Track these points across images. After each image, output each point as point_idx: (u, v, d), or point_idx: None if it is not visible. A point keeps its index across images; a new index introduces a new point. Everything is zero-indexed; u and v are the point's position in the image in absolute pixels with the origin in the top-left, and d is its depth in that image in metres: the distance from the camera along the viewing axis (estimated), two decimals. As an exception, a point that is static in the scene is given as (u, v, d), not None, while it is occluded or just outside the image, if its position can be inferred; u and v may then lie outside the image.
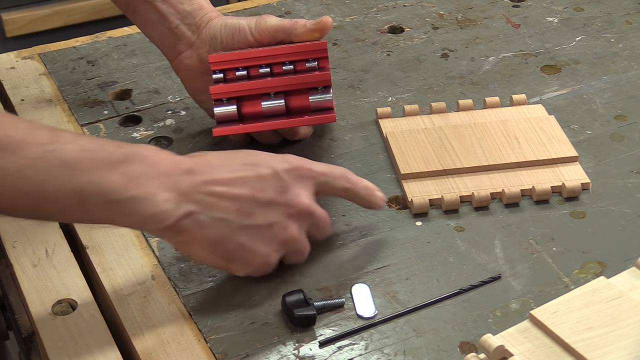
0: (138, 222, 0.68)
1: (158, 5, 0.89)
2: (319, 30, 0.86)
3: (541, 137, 0.89)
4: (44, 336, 0.72)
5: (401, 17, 1.15)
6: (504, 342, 0.63)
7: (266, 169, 0.73)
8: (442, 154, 0.88)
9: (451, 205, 0.83)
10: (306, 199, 0.74)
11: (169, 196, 0.68)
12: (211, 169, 0.71)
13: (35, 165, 0.64)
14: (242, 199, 0.71)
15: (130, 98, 1.01)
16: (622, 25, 1.12)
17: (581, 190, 0.84)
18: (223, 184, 0.71)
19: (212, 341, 0.71)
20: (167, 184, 0.68)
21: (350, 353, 0.70)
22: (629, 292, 0.66)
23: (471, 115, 0.93)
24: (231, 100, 0.87)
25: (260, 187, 0.72)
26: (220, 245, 0.71)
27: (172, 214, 0.68)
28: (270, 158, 0.74)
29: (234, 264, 0.73)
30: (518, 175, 0.85)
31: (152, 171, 0.68)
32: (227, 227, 0.71)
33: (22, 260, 0.79)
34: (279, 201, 0.72)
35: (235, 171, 0.72)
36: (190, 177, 0.70)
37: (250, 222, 0.71)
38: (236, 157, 0.74)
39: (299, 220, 0.74)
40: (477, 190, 0.83)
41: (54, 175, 0.64)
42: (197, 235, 0.70)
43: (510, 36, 1.11)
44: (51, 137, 0.66)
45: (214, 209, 0.70)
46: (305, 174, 0.75)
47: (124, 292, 0.76)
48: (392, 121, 0.93)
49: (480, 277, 0.76)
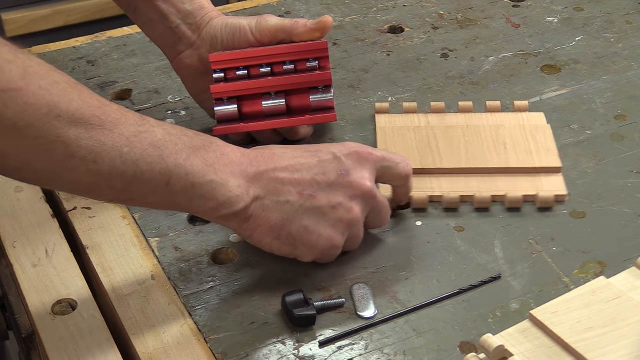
0: (213, 207, 0.71)
1: (159, 5, 0.89)
2: (319, 30, 0.86)
3: (530, 146, 0.88)
4: (44, 336, 0.72)
5: (401, 17, 1.15)
6: (504, 342, 0.63)
7: (327, 154, 0.75)
8: (426, 153, 0.88)
9: (420, 204, 0.83)
10: (369, 182, 0.75)
11: (240, 182, 0.71)
12: (274, 157, 0.74)
13: (131, 144, 0.66)
14: (303, 182, 0.73)
15: (130, 98, 1.01)
16: (622, 25, 1.12)
17: (554, 202, 0.83)
18: (285, 170, 0.74)
19: (212, 341, 0.71)
20: (237, 171, 0.72)
21: (350, 353, 0.70)
22: (629, 292, 0.66)
23: (468, 118, 0.93)
24: (232, 100, 0.87)
25: (321, 170, 0.74)
26: (284, 229, 0.73)
27: (243, 199, 0.71)
28: (330, 145, 0.77)
29: (299, 249, 0.74)
30: (496, 180, 0.85)
31: (224, 159, 0.71)
32: (290, 210, 0.73)
33: (22, 260, 0.79)
34: (342, 183, 0.74)
35: (297, 158, 0.75)
36: (256, 165, 0.73)
37: (313, 204, 0.73)
38: (299, 147, 0.77)
39: (362, 203, 0.75)
40: (446, 192, 0.83)
41: (146, 154, 0.67)
42: (262, 220, 0.73)
43: (510, 36, 1.11)
44: (141, 119, 0.68)
45: (278, 193, 0.73)
46: (367, 157, 0.76)
47: (124, 292, 0.76)
48: (388, 117, 0.94)
49: (480, 277, 0.76)
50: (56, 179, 0.66)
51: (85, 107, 0.64)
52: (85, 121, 0.64)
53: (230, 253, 0.80)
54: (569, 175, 0.87)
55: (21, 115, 0.61)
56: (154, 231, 0.82)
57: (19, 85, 0.60)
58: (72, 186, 0.67)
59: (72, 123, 0.63)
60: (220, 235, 0.81)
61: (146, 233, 0.82)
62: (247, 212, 0.72)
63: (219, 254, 0.80)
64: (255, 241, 0.74)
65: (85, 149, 0.64)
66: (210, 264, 0.78)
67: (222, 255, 0.80)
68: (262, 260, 0.78)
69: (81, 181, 0.66)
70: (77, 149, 0.64)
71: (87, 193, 0.69)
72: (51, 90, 0.62)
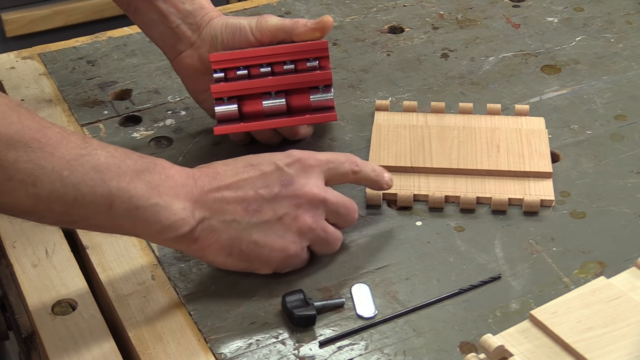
0: (158, 230, 0.70)
1: (159, 5, 0.89)
2: (319, 30, 0.86)
3: (523, 149, 0.88)
4: (44, 336, 0.72)
5: (401, 17, 1.15)
6: (504, 342, 0.63)
7: (268, 165, 0.75)
8: (417, 152, 0.88)
9: (404, 202, 0.83)
10: (314, 188, 0.75)
11: (185, 205, 0.71)
12: (217, 176, 0.74)
13: (71, 167, 0.65)
14: (247, 198, 0.73)
15: (130, 98, 1.01)
16: (622, 25, 1.12)
17: (539, 206, 0.83)
18: (228, 188, 0.73)
19: (212, 341, 0.71)
20: (181, 193, 0.71)
21: (350, 353, 0.70)
22: (629, 292, 0.66)
23: (466, 119, 0.93)
24: (232, 99, 0.87)
25: (264, 184, 0.73)
26: (234, 247, 0.73)
27: (188, 222, 0.71)
28: (272, 155, 0.76)
29: (254, 263, 0.74)
30: (484, 182, 0.85)
31: (169, 182, 0.71)
32: (238, 228, 0.73)
33: (22, 260, 0.79)
34: (285, 194, 0.74)
35: (238, 174, 0.74)
36: (200, 186, 0.72)
37: (259, 219, 0.73)
38: (240, 161, 0.76)
39: (311, 209, 0.74)
40: (432, 192, 0.83)
41: (87, 178, 0.66)
42: (211, 240, 0.72)
43: (510, 36, 1.11)
44: (83, 142, 0.67)
45: (223, 213, 0.72)
46: (310, 163, 0.76)
47: (124, 292, 0.76)
48: (387, 114, 0.94)
49: (480, 277, 0.76)
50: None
51: (24, 130, 0.64)
52: (25, 144, 0.63)
53: (230, 253, 0.80)
54: (569, 175, 0.87)
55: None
56: (154, 231, 0.82)
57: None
58: (10, 209, 0.66)
59: (10, 146, 0.63)
60: (220, 235, 0.81)
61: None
62: (194, 234, 0.71)
63: (219, 254, 0.80)
64: (208, 261, 0.74)
65: (23, 172, 0.63)
66: (210, 264, 0.78)
67: (222, 255, 0.80)
68: (262, 260, 0.78)
69: (20, 204, 0.65)
70: (15, 172, 0.63)
71: (27, 215, 0.67)
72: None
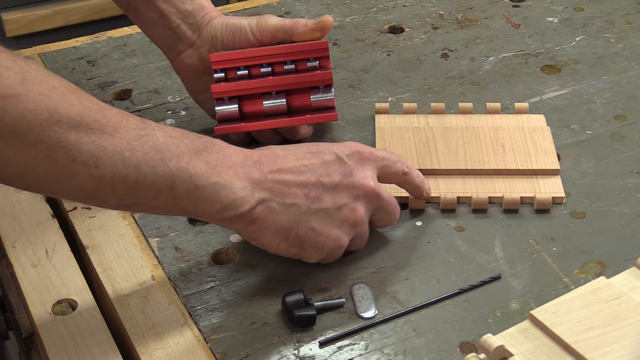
0: (218, 209, 0.70)
1: (159, 5, 0.89)
2: (320, 30, 0.86)
3: (528, 148, 0.88)
4: (44, 336, 0.72)
5: (401, 17, 1.15)
6: (504, 342, 0.63)
7: (329, 155, 0.75)
8: (424, 153, 0.88)
9: (416, 205, 0.83)
10: (371, 181, 0.76)
11: (244, 184, 0.71)
12: (278, 159, 0.74)
13: (132, 148, 0.66)
14: (309, 184, 0.73)
15: (130, 98, 1.01)
16: (622, 25, 1.12)
17: (551, 203, 0.83)
18: (290, 172, 0.74)
19: (212, 341, 0.71)
20: (240, 173, 0.71)
21: (350, 353, 0.70)
22: (629, 292, 0.66)
23: (468, 119, 0.93)
24: (232, 99, 0.87)
25: (325, 172, 0.74)
26: (291, 231, 0.73)
27: (248, 201, 0.71)
28: (331, 145, 0.77)
29: (306, 250, 0.75)
30: (494, 182, 0.85)
31: (227, 161, 0.71)
32: (297, 212, 0.73)
33: (22, 260, 0.79)
34: (345, 184, 0.74)
35: (299, 159, 0.75)
36: (259, 167, 0.73)
37: (319, 206, 0.73)
38: (300, 147, 0.76)
39: (366, 203, 0.75)
40: (443, 193, 0.83)
41: (147, 158, 0.66)
42: (269, 222, 0.72)
43: (510, 36, 1.11)
44: (141, 122, 0.68)
45: (284, 196, 0.73)
46: (368, 157, 0.77)
47: (124, 292, 0.76)
48: (388, 117, 0.94)
49: (480, 277, 0.76)
50: (58, 184, 0.65)
51: (85, 112, 0.64)
52: (86, 125, 0.64)
53: (230, 253, 0.80)
54: (569, 175, 0.87)
55: (21, 120, 0.60)
56: (154, 231, 0.82)
57: (17, 91, 0.60)
58: (74, 192, 0.67)
59: (73, 127, 0.63)
60: (221, 236, 0.81)
61: (146, 233, 0.82)
62: (253, 214, 0.72)
63: (219, 254, 0.80)
64: (261, 243, 0.74)
65: (86, 154, 0.64)
66: (210, 264, 0.78)
67: (222, 255, 0.80)
68: (262, 260, 0.78)
69: (84, 186, 0.65)
70: (78, 154, 0.63)
71: (90, 199, 0.68)
72: (50, 95, 0.62)
